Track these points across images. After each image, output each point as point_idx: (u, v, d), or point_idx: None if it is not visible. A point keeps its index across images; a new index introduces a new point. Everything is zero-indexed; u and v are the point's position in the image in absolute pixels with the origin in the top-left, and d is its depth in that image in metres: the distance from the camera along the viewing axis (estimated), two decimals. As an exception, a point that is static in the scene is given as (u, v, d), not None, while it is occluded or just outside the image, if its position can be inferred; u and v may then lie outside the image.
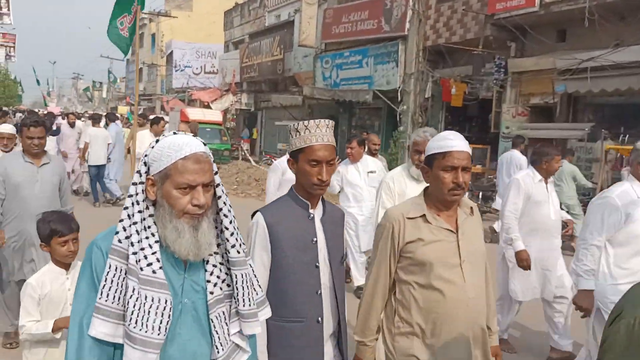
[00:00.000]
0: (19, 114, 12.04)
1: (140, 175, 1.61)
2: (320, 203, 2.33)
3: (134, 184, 1.61)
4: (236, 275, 1.70)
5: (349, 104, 19.29)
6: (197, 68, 37.00)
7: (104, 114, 14.92)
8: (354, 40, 17.97)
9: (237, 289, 1.70)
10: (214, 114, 18.67)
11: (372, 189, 5.82)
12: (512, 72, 13.37)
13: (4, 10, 29.57)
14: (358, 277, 6.06)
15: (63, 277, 2.89)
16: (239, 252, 1.71)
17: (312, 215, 2.28)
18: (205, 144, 1.65)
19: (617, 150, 10.22)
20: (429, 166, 2.29)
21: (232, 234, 1.71)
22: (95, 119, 11.35)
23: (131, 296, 1.52)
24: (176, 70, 37.01)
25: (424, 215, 2.28)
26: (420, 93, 12.67)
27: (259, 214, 2.26)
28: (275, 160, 7.16)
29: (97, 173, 10.76)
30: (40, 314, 2.78)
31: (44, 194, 4.28)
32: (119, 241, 1.56)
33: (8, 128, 5.50)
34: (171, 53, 37.92)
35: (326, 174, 2.20)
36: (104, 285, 1.54)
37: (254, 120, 28.49)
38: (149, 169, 1.62)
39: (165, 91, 39.71)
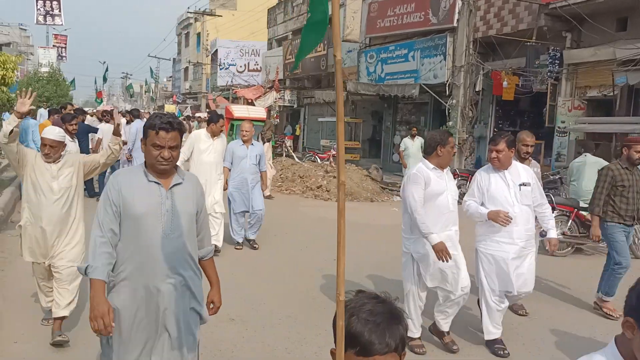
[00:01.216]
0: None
1: None
2: None
3: None
4: None
5: (394, 99, 18.92)
6: (241, 66, 37.24)
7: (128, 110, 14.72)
8: (400, 34, 17.57)
9: None
10: (258, 111, 18.56)
11: (525, 209, 4.51)
12: (567, 63, 12.73)
13: (55, 11, 30.54)
14: None
15: None
16: None
17: None
18: None
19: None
20: None
21: None
22: (105, 115, 11.28)
23: None
24: (221, 69, 37.36)
25: None
26: (470, 87, 12.17)
27: None
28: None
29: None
30: None
31: (175, 233, 2.70)
32: None
33: (54, 133, 4.29)
34: (216, 52, 38.30)
35: None
36: None
37: (297, 116, 28.43)
38: None
39: (210, 89, 40.13)
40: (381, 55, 18.44)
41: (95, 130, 11.13)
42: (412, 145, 12.52)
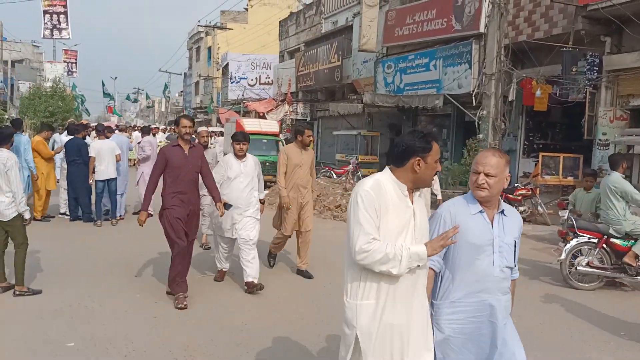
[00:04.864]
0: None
1: None
2: None
3: None
4: None
5: (413, 111, 17.92)
6: (252, 79, 36.61)
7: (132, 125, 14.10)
8: (420, 42, 16.62)
9: None
10: (271, 125, 17.70)
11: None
12: (607, 70, 11.68)
13: (63, 25, 30.10)
14: None
15: None
16: None
17: None
18: None
19: None
20: None
21: None
22: (99, 131, 10.32)
23: None
24: (232, 82, 36.74)
25: None
26: (502, 96, 11.19)
27: None
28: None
29: (104, 188, 9.76)
30: None
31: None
32: None
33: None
34: (227, 65, 37.70)
35: None
36: None
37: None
38: None
39: (221, 104, 39.47)
40: (400, 64, 17.48)
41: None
42: None
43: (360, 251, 2.42)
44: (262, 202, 6.28)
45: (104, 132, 10.15)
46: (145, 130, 12.23)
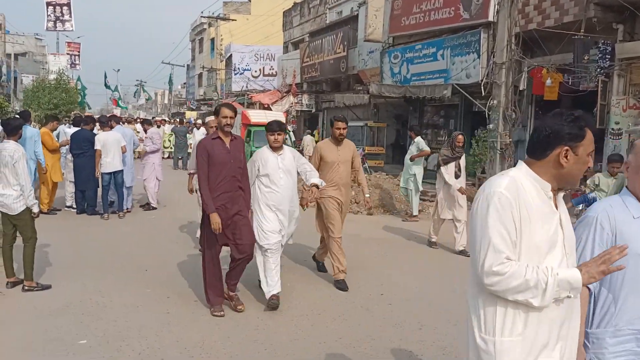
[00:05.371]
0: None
1: None
2: None
3: None
4: None
5: (420, 102, 17.73)
6: (255, 71, 36.36)
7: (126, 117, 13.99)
8: (427, 32, 16.39)
9: None
10: (277, 116, 17.51)
11: None
12: (620, 58, 11.46)
13: (66, 17, 29.91)
14: None
15: None
16: None
17: None
18: None
19: None
20: None
21: None
22: (103, 122, 10.15)
23: None
24: (235, 74, 36.52)
25: None
26: (512, 86, 11.02)
27: None
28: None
29: (110, 181, 9.60)
30: None
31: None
32: None
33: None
34: (230, 57, 37.47)
35: None
36: None
37: (314, 121, 27.35)
38: None
39: (225, 96, 39.27)
40: (407, 54, 17.26)
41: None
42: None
43: (489, 273, 1.84)
44: (317, 186, 5.26)
45: (107, 123, 9.99)
46: (147, 123, 12.08)
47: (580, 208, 9.11)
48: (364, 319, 4.87)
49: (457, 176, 7.90)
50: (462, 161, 8.14)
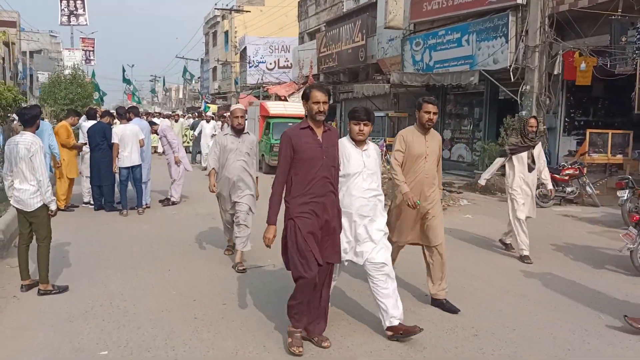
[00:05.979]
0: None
1: None
2: None
3: None
4: None
5: (443, 90, 17.15)
6: (270, 63, 35.90)
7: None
8: (451, 17, 15.80)
9: None
10: (296, 107, 17.06)
11: None
12: (660, 39, 10.81)
13: (80, 11, 29.73)
14: None
15: None
16: None
17: None
18: None
19: None
20: None
21: None
22: (120, 114, 9.69)
23: None
24: (250, 67, 36.09)
25: None
26: (546, 70, 10.42)
27: None
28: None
29: (128, 176, 9.19)
30: None
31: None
32: None
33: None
34: (244, 49, 37.04)
35: None
36: None
37: (332, 113, 26.82)
38: None
39: (240, 89, 38.89)
40: (429, 41, 16.69)
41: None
42: None
43: None
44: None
45: (125, 115, 9.60)
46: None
47: (625, 197, 8.54)
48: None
49: (530, 169, 6.67)
50: (538, 150, 6.77)
